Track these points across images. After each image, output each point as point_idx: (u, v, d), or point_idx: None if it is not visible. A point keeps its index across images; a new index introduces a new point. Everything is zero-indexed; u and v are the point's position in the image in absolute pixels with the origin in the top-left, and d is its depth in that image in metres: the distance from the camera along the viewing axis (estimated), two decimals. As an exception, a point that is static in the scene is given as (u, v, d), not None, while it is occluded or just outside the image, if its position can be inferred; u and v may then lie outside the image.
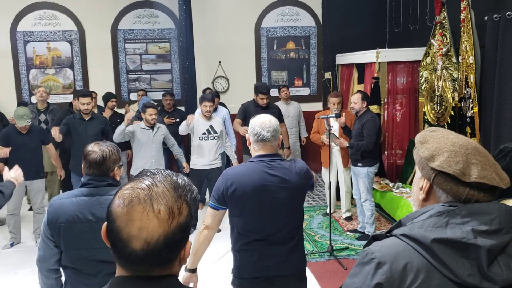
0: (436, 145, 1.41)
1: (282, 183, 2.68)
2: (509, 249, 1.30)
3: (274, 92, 8.82)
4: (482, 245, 1.25)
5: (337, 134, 6.10)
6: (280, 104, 7.96)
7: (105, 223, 1.20)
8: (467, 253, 1.26)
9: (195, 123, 6.15)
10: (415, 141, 1.51)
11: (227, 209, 2.79)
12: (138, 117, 6.72)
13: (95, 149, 2.63)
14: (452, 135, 1.44)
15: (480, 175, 1.33)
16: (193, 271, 2.85)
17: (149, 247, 1.12)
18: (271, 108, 6.48)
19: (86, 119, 6.07)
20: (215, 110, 7.03)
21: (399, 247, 1.32)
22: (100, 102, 7.87)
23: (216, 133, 6.18)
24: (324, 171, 6.73)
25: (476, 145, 1.40)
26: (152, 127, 6.07)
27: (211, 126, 6.16)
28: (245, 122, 6.50)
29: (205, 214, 2.84)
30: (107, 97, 7.66)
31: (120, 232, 1.14)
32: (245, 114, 6.53)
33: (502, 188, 1.36)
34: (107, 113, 7.33)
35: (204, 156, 6.16)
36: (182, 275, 2.84)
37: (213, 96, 6.49)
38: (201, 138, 6.14)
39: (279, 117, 6.71)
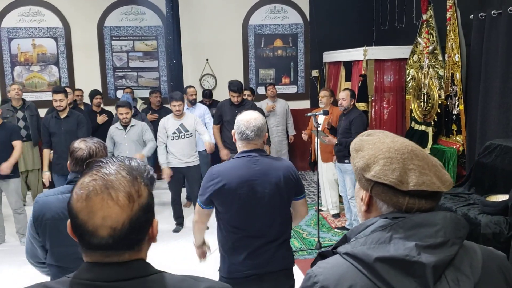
0: (371, 152, 1.33)
1: (267, 177, 2.69)
2: (458, 261, 1.23)
3: (262, 90, 8.83)
4: (426, 262, 1.17)
5: (320, 129, 6.13)
6: (267, 102, 7.95)
7: (69, 220, 1.22)
8: (412, 271, 1.18)
9: (167, 123, 6.09)
10: (350, 149, 1.43)
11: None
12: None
13: (82, 146, 2.59)
14: (388, 139, 1.35)
15: (418, 181, 1.25)
16: (202, 244, 3.13)
17: (115, 233, 1.15)
18: (245, 105, 6.41)
19: (62, 117, 5.86)
20: (193, 103, 7.09)
21: (342, 268, 1.24)
22: (87, 100, 7.82)
23: (188, 131, 6.07)
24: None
25: (413, 148, 1.32)
26: (125, 126, 6.03)
27: (181, 125, 6.06)
28: (222, 124, 6.51)
29: (195, 209, 2.95)
30: (92, 94, 7.60)
31: (84, 225, 1.16)
32: (220, 114, 6.48)
33: (444, 191, 1.29)
34: (101, 117, 7.28)
35: (177, 156, 6.08)
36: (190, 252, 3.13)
37: (182, 96, 6.25)
38: (172, 138, 6.05)
39: None
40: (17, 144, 5.73)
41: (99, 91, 7.82)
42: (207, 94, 8.00)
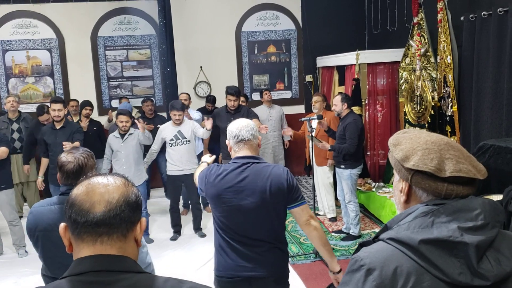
0: (409, 145, 1.41)
1: (252, 185, 2.69)
2: (497, 243, 1.29)
3: (256, 96, 8.86)
4: (469, 242, 1.24)
5: (313, 134, 6.15)
6: (262, 107, 7.96)
7: (62, 224, 1.32)
8: (456, 252, 1.25)
9: (165, 130, 6.11)
10: (388, 144, 1.51)
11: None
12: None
13: (70, 158, 2.56)
14: (424, 134, 1.44)
15: (456, 168, 1.33)
16: None
17: (111, 206, 1.27)
18: (240, 111, 6.45)
19: (57, 127, 5.88)
20: (187, 107, 7.12)
21: (387, 251, 1.32)
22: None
23: (185, 138, 6.10)
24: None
25: (448, 140, 1.41)
26: (123, 134, 6.03)
27: (179, 132, 6.09)
28: (216, 128, 6.53)
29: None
30: (82, 105, 7.56)
31: (82, 205, 1.27)
32: (216, 124, 6.48)
33: (480, 179, 1.36)
34: (83, 123, 7.24)
35: (176, 163, 6.11)
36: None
37: (183, 105, 6.32)
38: (170, 145, 6.10)
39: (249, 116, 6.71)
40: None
41: (88, 101, 7.63)
42: (211, 100, 8.04)
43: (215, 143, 7.07)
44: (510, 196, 3.78)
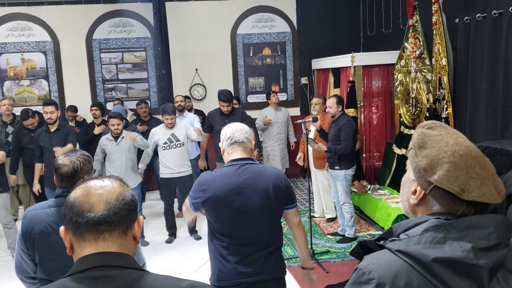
0: (435, 152, 1.32)
1: (255, 186, 2.68)
2: (508, 262, 1.27)
3: (252, 99, 8.87)
4: (483, 265, 1.21)
5: (311, 136, 6.15)
6: (269, 110, 7.93)
7: (62, 227, 1.37)
8: (468, 272, 1.22)
9: (157, 133, 6.09)
10: (411, 142, 1.40)
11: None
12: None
13: (66, 162, 2.56)
14: (452, 140, 1.34)
15: (479, 193, 1.26)
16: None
17: (110, 206, 1.33)
18: (235, 114, 6.48)
19: (52, 130, 5.86)
20: (183, 110, 7.12)
21: (396, 265, 1.26)
22: (83, 115, 7.86)
23: (179, 140, 6.10)
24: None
25: (476, 154, 1.31)
26: (116, 137, 6.00)
27: (172, 135, 6.09)
28: (211, 131, 6.65)
29: (184, 204, 2.97)
30: (90, 106, 7.59)
31: (82, 206, 1.32)
32: (211, 125, 6.61)
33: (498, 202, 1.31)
34: (98, 128, 7.24)
35: (169, 166, 6.10)
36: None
37: (175, 109, 6.33)
38: (163, 148, 6.08)
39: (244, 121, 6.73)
40: None
41: (97, 102, 7.71)
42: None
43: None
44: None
